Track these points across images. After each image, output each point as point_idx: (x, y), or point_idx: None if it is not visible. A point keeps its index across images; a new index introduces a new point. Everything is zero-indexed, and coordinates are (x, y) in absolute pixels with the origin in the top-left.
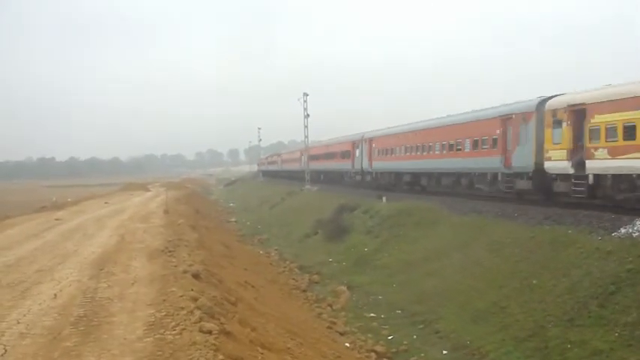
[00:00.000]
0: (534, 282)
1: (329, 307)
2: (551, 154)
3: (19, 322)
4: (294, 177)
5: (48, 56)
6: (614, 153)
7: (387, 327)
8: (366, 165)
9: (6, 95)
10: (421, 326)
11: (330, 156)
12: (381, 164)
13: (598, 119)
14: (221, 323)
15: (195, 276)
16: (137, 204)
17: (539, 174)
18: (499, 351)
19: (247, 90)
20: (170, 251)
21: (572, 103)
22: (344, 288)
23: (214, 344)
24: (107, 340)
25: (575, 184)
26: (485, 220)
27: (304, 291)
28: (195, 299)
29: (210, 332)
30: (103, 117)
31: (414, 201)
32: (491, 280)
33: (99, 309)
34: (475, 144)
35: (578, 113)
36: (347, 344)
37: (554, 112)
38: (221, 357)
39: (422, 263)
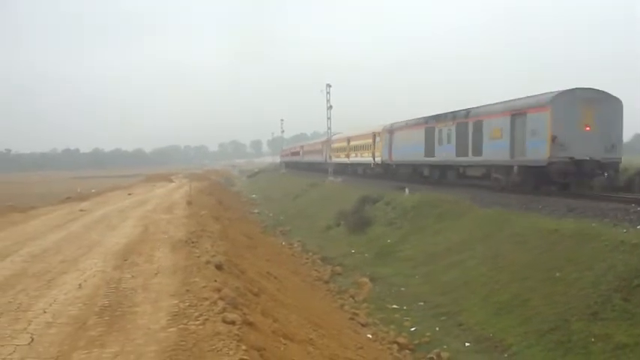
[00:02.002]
0: (557, 275)
1: (351, 299)
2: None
3: (45, 312)
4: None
5: (72, 50)
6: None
7: (409, 318)
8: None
9: (32, 88)
10: (444, 318)
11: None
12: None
13: (352, 143)
14: (244, 314)
15: (219, 267)
16: (160, 195)
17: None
18: (521, 344)
19: (270, 82)
20: (193, 242)
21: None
22: (366, 279)
23: (237, 334)
24: (131, 329)
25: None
26: (508, 212)
27: (327, 282)
28: (218, 290)
29: (233, 323)
30: (127, 109)
31: (437, 193)
32: (514, 272)
33: (123, 299)
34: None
35: (348, 140)
36: (369, 335)
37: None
38: (244, 347)
39: (445, 255)
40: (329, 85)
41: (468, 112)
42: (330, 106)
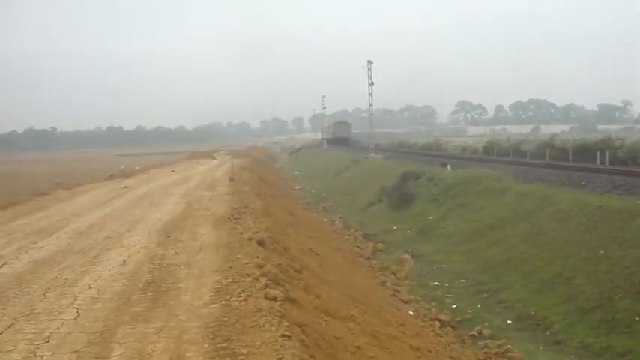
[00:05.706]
0: (601, 252)
1: (393, 275)
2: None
3: (90, 287)
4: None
5: (113, 31)
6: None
7: (451, 295)
8: None
9: (77, 68)
10: (485, 295)
11: None
12: None
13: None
14: (286, 290)
15: (261, 243)
16: (203, 172)
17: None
18: (564, 322)
19: (311, 58)
20: (236, 218)
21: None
22: (408, 256)
23: (279, 310)
24: (174, 305)
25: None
26: (551, 188)
27: (368, 259)
28: (260, 266)
29: (275, 299)
30: (169, 87)
31: (479, 169)
32: (556, 249)
33: (166, 275)
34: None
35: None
36: (411, 312)
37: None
38: (286, 323)
39: (487, 232)
40: (370, 62)
41: (333, 123)
42: (372, 83)
